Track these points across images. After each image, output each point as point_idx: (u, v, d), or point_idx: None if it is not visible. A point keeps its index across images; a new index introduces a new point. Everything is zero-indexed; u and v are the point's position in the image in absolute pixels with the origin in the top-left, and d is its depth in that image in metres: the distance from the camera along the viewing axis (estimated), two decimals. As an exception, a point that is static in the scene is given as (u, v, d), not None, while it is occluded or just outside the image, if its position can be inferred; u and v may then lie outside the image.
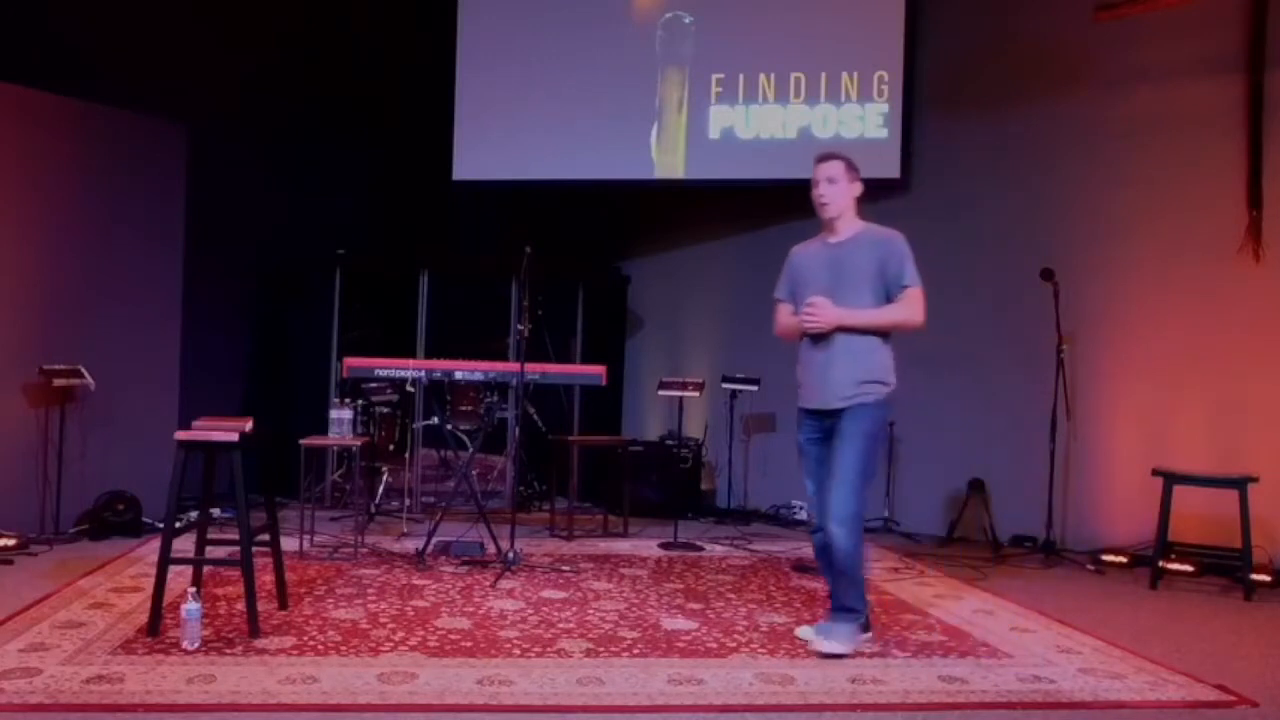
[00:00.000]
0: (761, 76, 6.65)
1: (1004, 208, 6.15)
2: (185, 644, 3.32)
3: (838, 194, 3.66)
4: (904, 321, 3.58)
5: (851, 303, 3.54)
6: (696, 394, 6.03)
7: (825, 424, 3.60)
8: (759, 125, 6.68)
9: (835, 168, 3.69)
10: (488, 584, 4.45)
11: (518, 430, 5.86)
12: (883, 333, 3.59)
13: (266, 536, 3.87)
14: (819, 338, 3.58)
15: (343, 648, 3.42)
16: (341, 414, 5.37)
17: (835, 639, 3.52)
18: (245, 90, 6.60)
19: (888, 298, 3.58)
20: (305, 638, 3.52)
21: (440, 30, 7.08)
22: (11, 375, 5.10)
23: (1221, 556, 4.99)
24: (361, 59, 7.39)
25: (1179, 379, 5.52)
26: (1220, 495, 4.86)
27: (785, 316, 3.81)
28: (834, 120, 6.56)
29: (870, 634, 3.69)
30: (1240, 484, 4.76)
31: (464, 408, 5.84)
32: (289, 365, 7.06)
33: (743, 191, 7.06)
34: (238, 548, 3.59)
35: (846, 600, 3.57)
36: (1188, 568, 5.05)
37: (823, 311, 3.53)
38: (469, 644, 3.50)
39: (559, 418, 7.13)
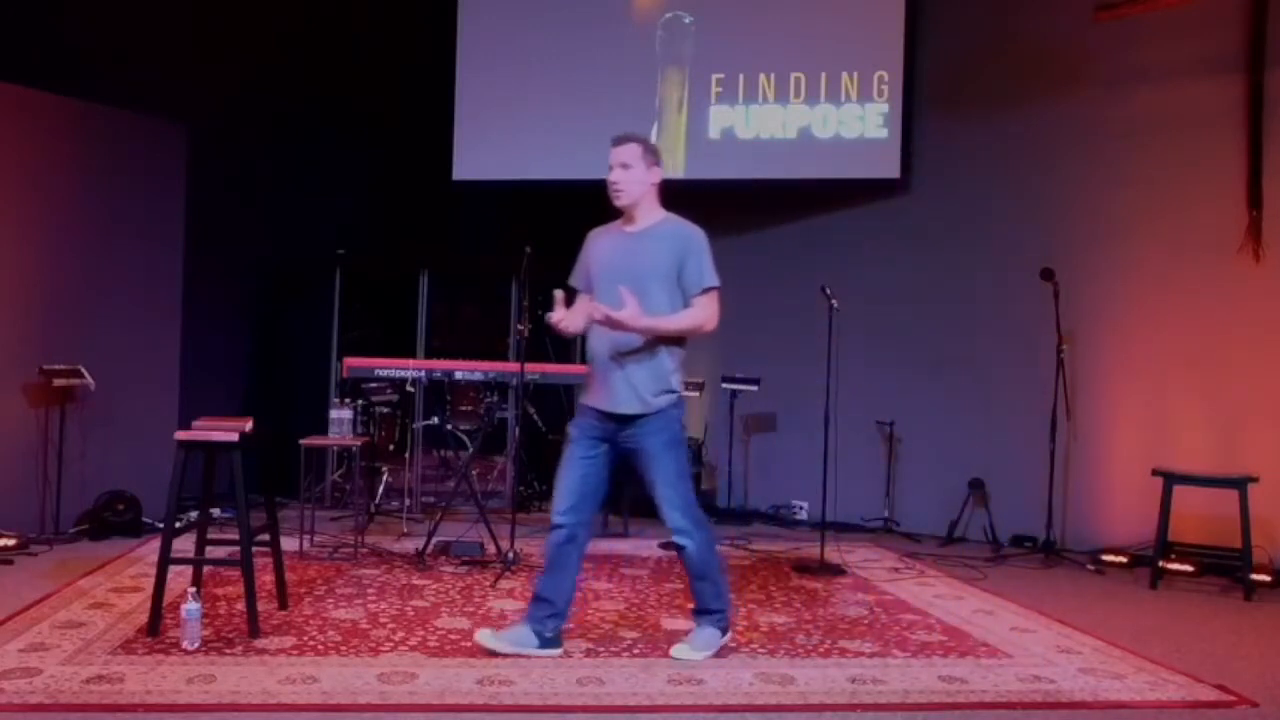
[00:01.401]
0: (761, 76, 6.64)
1: (1004, 208, 6.15)
2: (185, 644, 3.32)
3: (632, 180, 3.40)
4: (701, 325, 3.40)
5: (644, 297, 3.27)
6: (696, 394, 6.03)
7: (609, 426, 3.39)
8: (759, 125, 6.67)
9: (630, 152, 3.41)
10: (488, 584, 4.45)
11: (518, 430, 5.86)
12: (678, 338, 3.41)
13: (266, 536, 3.88)
14: (611, 338, 3.34)
15: (343, 648, 3.42)
16: (341, 414, 5.37)
17: (693, 642, 3.42)
18: (245, 90, 6.60)
19: (682, 294, 3.38)
20: (305, 638, 3.52)
21: (440, 30, 7.08)
22: (11, 375, 5.10)
23: (1221, 556, 4.99)
24: (361, 59, 7.39)
25: (1179, 379, 5.52)
26: (1220, 495, 4.86)
27: (582, 306, 3.49)
28: (834, 120, 6.56)
29: (730, 635, 3.56)
30: (1240, 484, 4.76)
31: (464, 408, 5.84)
32: (289, 365, 7.06)
33: (743, 191, 7.06)
34: (238, 548, 3.59)
35: (707, 601, 3.47)
36: (1188, 568, 5.05)
37: (631, 319, 3.23)
38: (469, 644, 3.50)
39: (559, 418, 7.12)
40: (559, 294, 3.40)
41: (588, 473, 3.43)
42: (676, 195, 7.28)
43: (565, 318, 3.37)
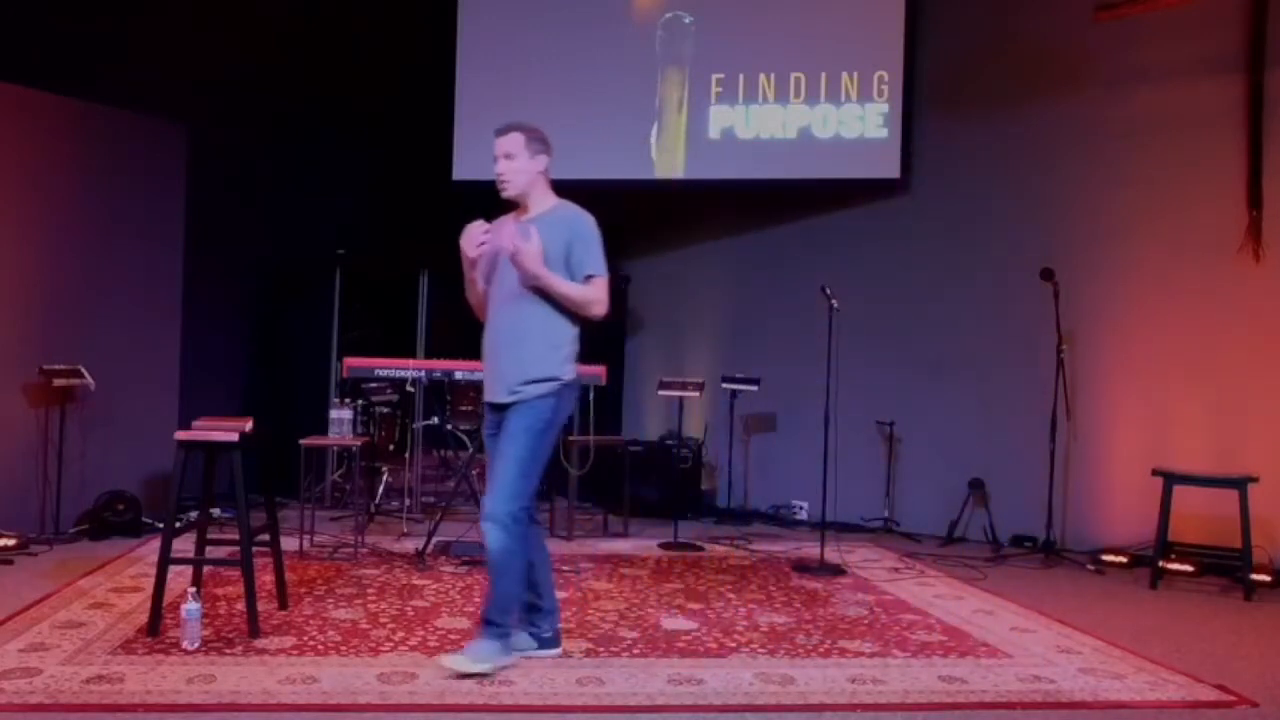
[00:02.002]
0: (761, 76, 6.65)
1: (1004, 208, 6.15)
2: (185, 644, 3.32)
3: (517, 170, 3.32)
4: (588, 300, 3.29)
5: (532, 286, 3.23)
6: (696, 394, 6.03)
7: (497, 418, 3.32)
8: (759, 125, 6.68)
9: (513, 142, 3.32)
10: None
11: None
12: (564, 320, 3.31)
13: (266, 536, 3.87)
14: (501, 321, 3.31)
15: (343, 648, 3.42)
16: (341, 414, 5.37)
17: (469, 655, 3.18)
18: (245, 90, 6.59)
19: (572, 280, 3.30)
20: (305, 638, 3.52)
21: (440, 30, 7.08)
22: (11, 375, 5.10)
23: (1221, 556, 4.99)
24: (362, 59, 7.39)
25: (1179, 379, 5.52)
26: (1220, 495, 4.86)
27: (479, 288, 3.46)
28: (834, 120, 6.56)
29: (513, 660, 3.26)
30: (1240, 484, 4.76)
31: (464, 408, 5.84)
32: (289, 365, 7.06)
33: (742, 192, 7.06)
34: (238, 548, 3.59)
35: (491, 609, 3.23)
36: (1188, 568, 5.05)
37: (531, 258, 3.18)
38: (469, 644, 3.49)
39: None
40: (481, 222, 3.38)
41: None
42: (677, 195, 7.37)
43: (473, 238, 3.33)
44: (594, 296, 3.32)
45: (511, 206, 3.46)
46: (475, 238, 3.35)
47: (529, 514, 3.32)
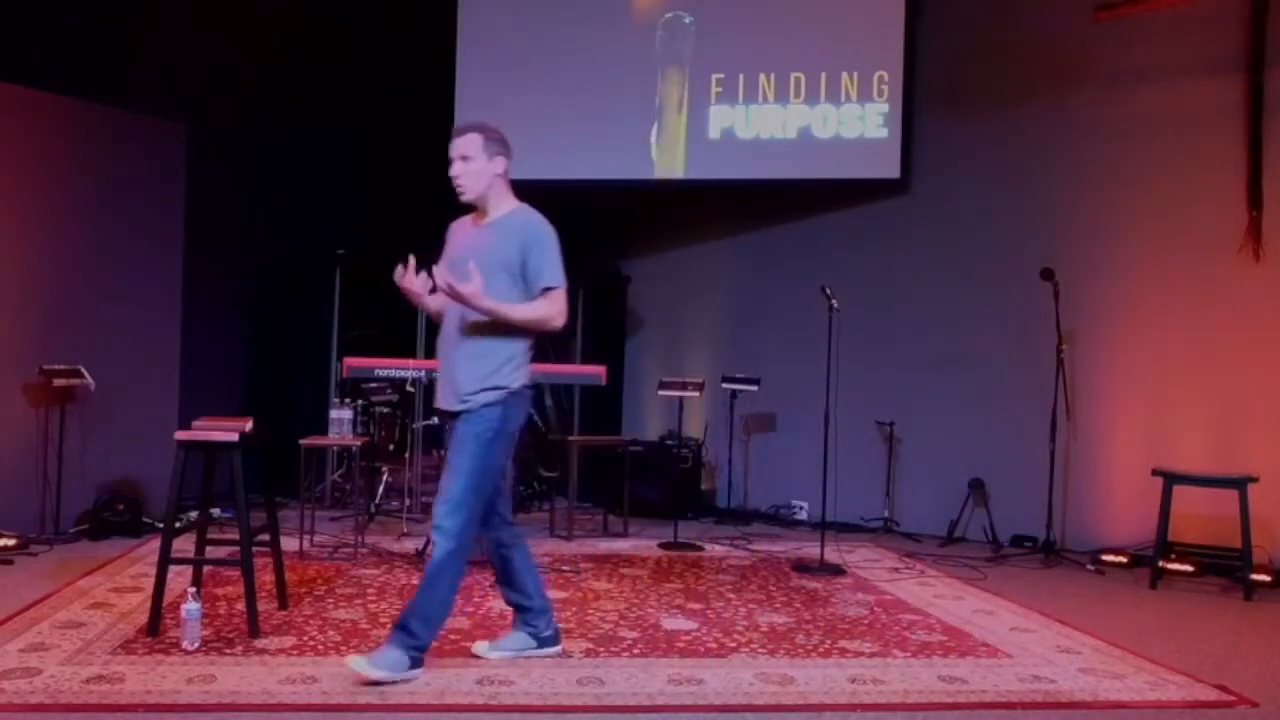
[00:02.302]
0: (761, 76, 6.65)
1: (1004, 208, 6.15)
2: (185, 644, 3.32)
3: (473, 173, 3.22)
4: (542, 319, 3.18)
5: (487, 291, 3.10)
6: (696, 394, 6.03)
7: (451, 424, 3.26)
8: (759, 125, 6.68)
9: (469, 143, 3.22)
10: (488, 584, 4.44)
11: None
12: (519, 334, 3.21)
13: (266, 536, 3.87)
14: (456, 328, 3.21)
15: (343, 648, 3.41)
16: (341, 414, 5.37)
17: (372, 657, 3.06)
18: (245, 90, 6.60)
19: (526, 292, 3.19)
20: (305, 638, 3.52)
21: (440, 30, 7.08)
22: (11, 375, 5.10)
23: (1221, 556, 5.00)
24: (362, 58, 7.39)
25: (1179, 379, 5.52)
26: (1220, 495, 4.86)
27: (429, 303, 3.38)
28: (834, 120, 6.56)
29: (421, 671, 3.11)
30: (1240, 484, 4.76)
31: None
32: (289, 365, 7.06)
33: (742, 191, 7.06)
34: (238, 548, 3.59)
35: (412, 618, 3.09)
36: (1188, 568, 5.05)
37: (473, 295, 3.05)
38: (469, 644, 3.50)
39: (559, 418, 7.13)
40: (411, 258, 3.29)
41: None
42: (677, 195, 7.37)
43: (411, 280, 3.25)
44: (551, 313, 3.20)
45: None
46: (416, 289, 3.26)
47: (503, 519, 3.32)
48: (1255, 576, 4.76)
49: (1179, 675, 3.43)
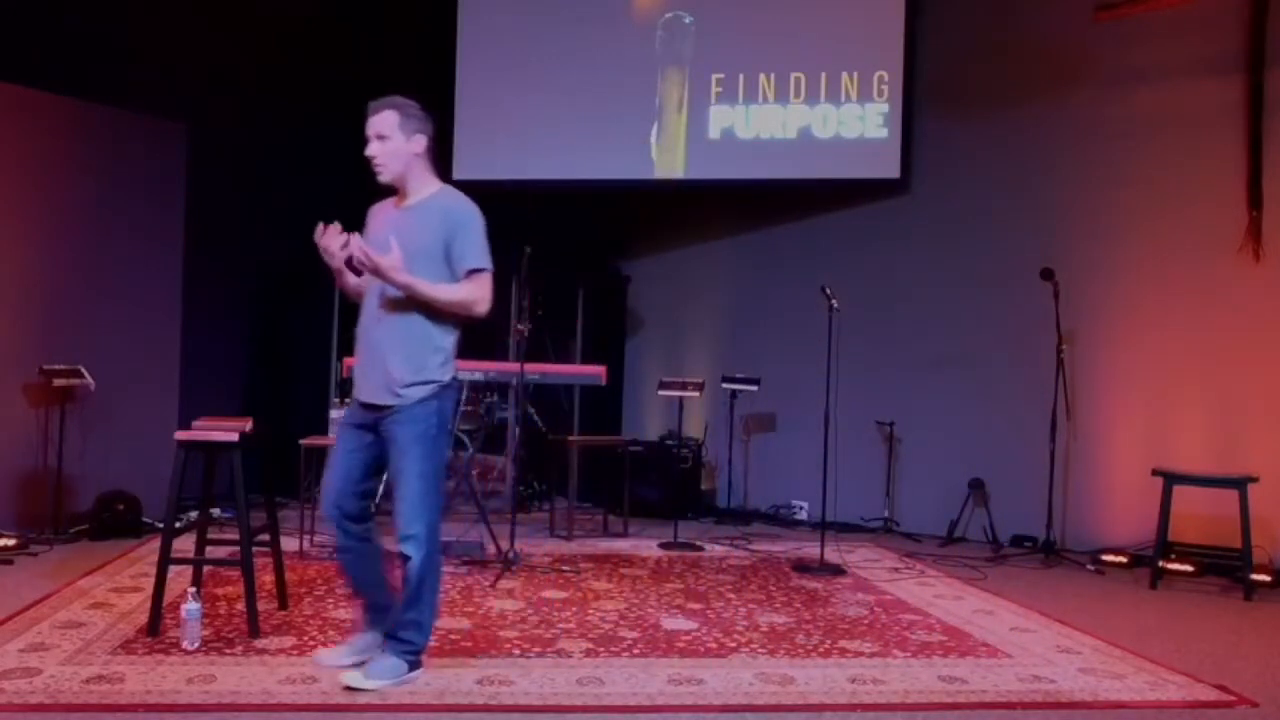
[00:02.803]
0: (761, 76, 6.65)
1: (1004, 207, 6.15)
2: (185, 644, 3.31)
3: (391, 153, 3.09)
4: (466, 301, 3.04)
5: (410, 275, 3.00)
6: (696, 394, 6.03)
7: (371, 418, 3.09)
8: (759, 125, 6.68)
9: (386, 121, 3.09)
10: (488, 584, 4.45)
11: (518, 430, 5.86)
12: (445, 321, 3.08)
13: (266, 536, 3.87)
14: (379, 317, 3.07)
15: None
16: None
17: (372, 672, 2.99)
18: (245, 90, 6.59)
19: (452, 277, 3.06)
20: (305, 638, 3.52)
21: (440, 30, 7.08)
22: (11, 375, 5.10)
23: (1221, 556, 5.00)
24: (362, 58, 7.38)
25: (1179, 379, 5.52)
26: (1220, 495, 4.86)
27: (349, 280, 3.23)
28: (834, 120, 6.56)
29: (421, 672, 3.09)
30: (1240, 484, 4.76)
31: (464, 408, 5.83)
32: (289, 365, 7.06)
33: (742, 191, 7.06)
34: (238, 548, 3.59)
35: (405, 628, 3.06)
36: (1188, 568, 5.05)
37: (392, 269, 2.95)
38: (469, 644, 3.50)
39: (559, 418, 7.13)
40: (336, 223, 3.16)
41: (351, 466, 3.13)
42: (677, 195, 7.37)
43: (331, 239, 3.10)
44: (477, 295, 3.06)
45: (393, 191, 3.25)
46: (333, 248, 3.09)
47: (363, 517, 3.19)
48: (1255, 576, 4.76)
49: (1179, 675, 3.43)
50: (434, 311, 3.05)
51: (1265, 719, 3.06)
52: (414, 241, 3.02)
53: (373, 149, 3.11)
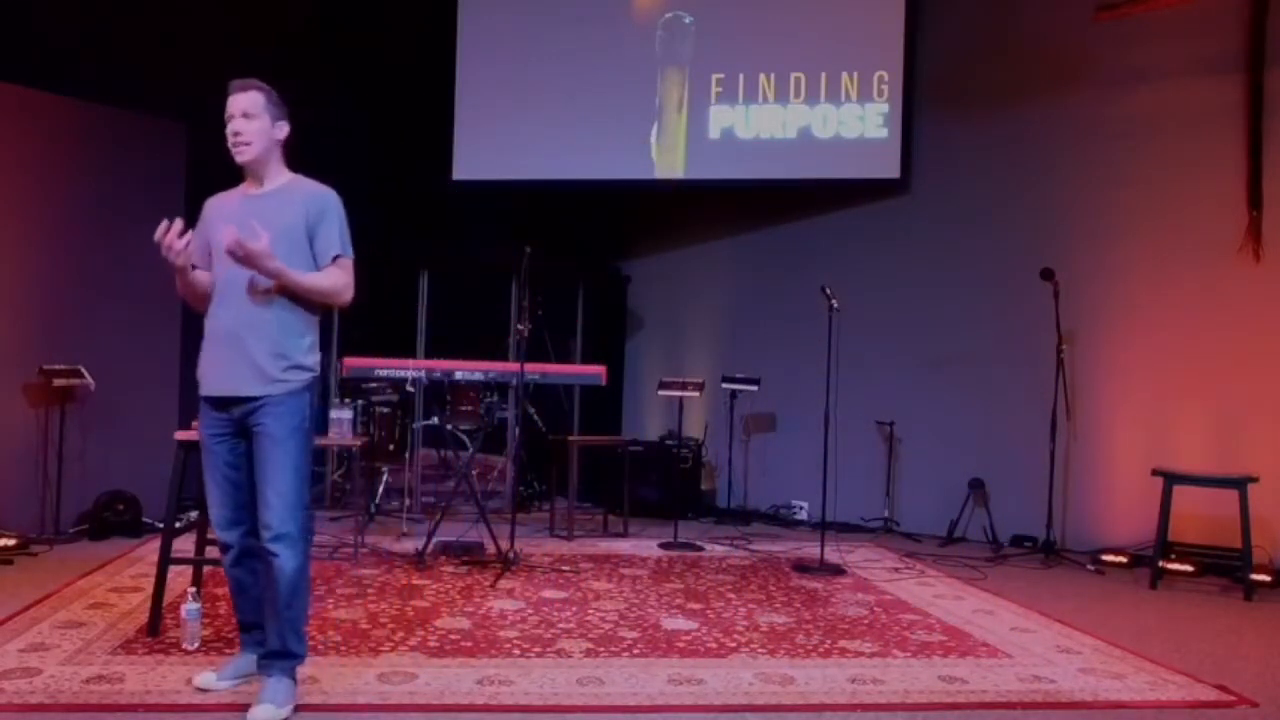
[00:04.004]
0: (761, 76, 6.65)
1: (1004, 207, 6.15)
2: (185, 644, 3.31)
3: (258, 132, 3.02)
4: (331, 290, 2.93)
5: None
6: (696, 394, 6.03)
7: (235, 415, 2.87)
8: (759, 125, 6.68)
9: (253, 100, 3.02)
10: (488, 584, 4.45)
11: (518, 430, 5.86)
12: (308, 308, 2.95)
13: (266, 536, 3.87)
14: (237, 307, 2.90)
15: (343, 648, 3.41)
16: (341, 414, 5.37)
17: (274, 699, 2.74)
18: (245, 90, 6.59)
19: (314, 264, 2.95)
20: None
21: (440, 30, 7.08)
22: (11, 375, 5.10)
23: (1221, 556, 5.00)
24: (361, 58, 7.39)
25: (1179, 379, 5.52)
26: (1220, 495, 4.86)
27: (199, 275, 3.07)
28: (834, 120, 6.57)
29: (296, 687, 2.86)
30: (1240, 484, 4.76)
31: (464, 408, 5.83)
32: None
33: (743, 191, 7.07)
34: (238, 548, 3.58)
35: (284, 641, 2.82)
36: (1188, 568, 5.05)
37: (263, 254, 2.80)
38: (469, 644, 3.50)
39: (559, 418, 7.13)
40: (179, 220, 2.97)
41: (237, 484, 2.91)
42: (677, 195, 7.37)
43: (174, 238, 2.91)
44: (343, 282, 2.96)
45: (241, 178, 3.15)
46: (177, 247, 2.91)
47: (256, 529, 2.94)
48: (1255, 576, 4.76)
49: (1179, 675, 3.43)
50: (298, 300, 2.92)
51: (1265, 719, 3.06)
52: (278, 227, 2.91)
53: (238, 125, 3.04)
